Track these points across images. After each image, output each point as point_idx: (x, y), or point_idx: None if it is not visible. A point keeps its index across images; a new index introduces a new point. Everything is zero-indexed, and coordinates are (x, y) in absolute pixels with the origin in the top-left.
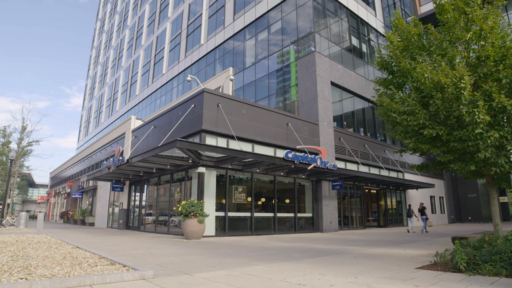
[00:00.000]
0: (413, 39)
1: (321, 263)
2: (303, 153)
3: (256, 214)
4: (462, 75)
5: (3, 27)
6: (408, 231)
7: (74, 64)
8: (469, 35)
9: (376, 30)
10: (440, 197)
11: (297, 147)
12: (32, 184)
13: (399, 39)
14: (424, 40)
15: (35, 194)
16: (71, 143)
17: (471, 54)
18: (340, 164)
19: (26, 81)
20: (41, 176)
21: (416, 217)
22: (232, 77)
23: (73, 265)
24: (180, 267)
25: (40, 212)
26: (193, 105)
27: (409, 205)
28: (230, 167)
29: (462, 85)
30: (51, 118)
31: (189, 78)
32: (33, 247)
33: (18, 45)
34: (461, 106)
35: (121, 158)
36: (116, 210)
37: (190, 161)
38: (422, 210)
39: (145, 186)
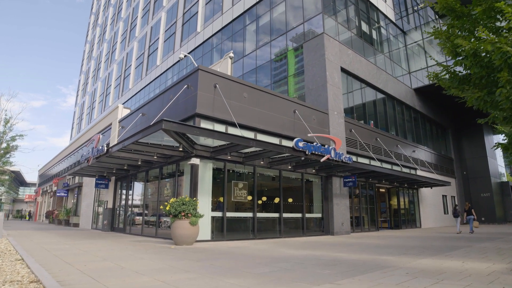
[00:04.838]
0: None
1: None
2: (314, 143)
3: (259, 215)
4: None
5: (1, 27)
6: (458, 232)
7: (70, 63)
8: None
9: (386, 16)
10: (452, 197)
11: (308, 135)
12: (22, 183)
13: None
14: None
15: (27, 192)
16: (67, 142)
17: None
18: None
19: (23, 80)
20: (31, 173)
21: (459, 217)
22: (231, 55)
23: None
24: None
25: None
26: (186, 86)
27: (456, 205)
28: (229, 158)
29: None
30: (48, 118)
31: (181, 56)
32: None
33: (15, 45)
34: None
35: (100, 148)
36: (102, 209)
37: (180, 149)
38: (469, 211)
39: (132, 182)
